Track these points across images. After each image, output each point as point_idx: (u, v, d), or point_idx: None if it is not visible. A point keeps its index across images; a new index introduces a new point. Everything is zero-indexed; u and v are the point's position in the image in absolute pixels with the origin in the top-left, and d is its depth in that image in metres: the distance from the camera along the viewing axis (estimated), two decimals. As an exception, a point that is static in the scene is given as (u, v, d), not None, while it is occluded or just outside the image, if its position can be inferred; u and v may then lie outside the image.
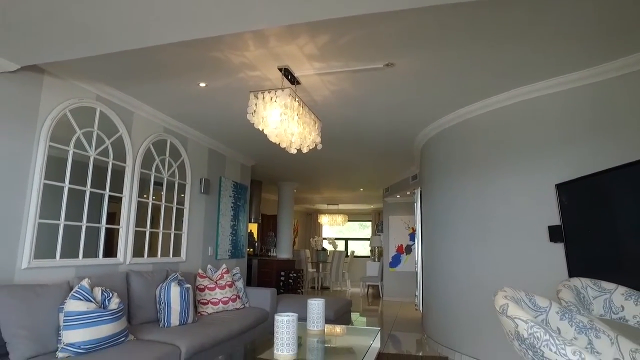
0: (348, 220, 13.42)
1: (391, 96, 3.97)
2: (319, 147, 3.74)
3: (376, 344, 3.64)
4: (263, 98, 3.27)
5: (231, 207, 6.25)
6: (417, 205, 5.67)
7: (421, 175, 5.73)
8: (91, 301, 2.77)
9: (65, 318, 2.65)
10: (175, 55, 3.15)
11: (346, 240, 14.36)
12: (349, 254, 12.34)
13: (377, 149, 6.10)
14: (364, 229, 14.27)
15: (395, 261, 9.38)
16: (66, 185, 3.42)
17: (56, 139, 3.33)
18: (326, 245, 13.10)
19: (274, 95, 3.25)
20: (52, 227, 3.30)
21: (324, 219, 12.70)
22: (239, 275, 4.88)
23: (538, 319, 1.36)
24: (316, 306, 3.56)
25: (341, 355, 2.96)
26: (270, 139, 3.38)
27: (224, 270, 4.61)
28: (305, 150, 3.66)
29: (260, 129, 3.32)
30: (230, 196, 6.22)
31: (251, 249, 8.63)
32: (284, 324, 2.69)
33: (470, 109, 4.22)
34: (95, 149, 3.72)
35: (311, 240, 12.20)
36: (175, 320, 3.55)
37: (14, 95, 3.04)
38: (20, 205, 3.05)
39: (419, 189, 5.72)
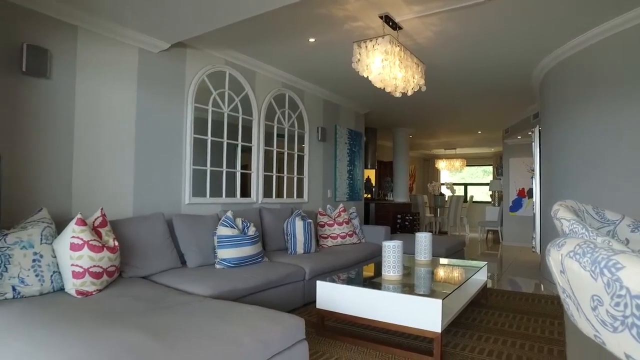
0: (467, 165, 13.01)
1: (498, 30, 3.83)
2: (423, 89, 3.87)
3: (481, 277, 3.83)
4: (366, 47, 3.51)
5: (347, 153, 6.70)
6: (536, 145, 5.40)
7: (541, 112, 5.38)
8: (235, 228, 3.49)
9: (218, 240, 3.41)
10: (286, 16, 3.53)
11: (465, 185, 13.99)
12: (467, 199, 12.09)
13: (491, 88, 5.86)
14: (486, 175, 13.68)
15: (516, 205, 8.99)
16: (209, 137, 4.18)
17: (198, 100, 4.07)
18: (444, 190, 12.99)
19: (375, 43, 3.46)
20: (202, 172, 4.11)
21: (441, 164, 12.51)
22: (355, 214, 5.38)
23: (603, 230, 1.44)
24: (423, 239, 3.86)
25: (443, 281, 3.25)
26: (375, 85, 3.63)
27: (341, 209, 5.14)
28: (409, 93, 3.83)
29: (365, 76, 3.58)
30: (345, 143, 6.66)
31: (369, 194, 9.10)
32: (390, 249, 3.07)
33: (593, 33, 3.84)
34: (228, 106, 4.41)
35: (428, 185, 12.22)
36: (300, 248, 4.20)
37: (168, 67, 3.80)
38: (181, 155, 3.88)
39: (537, 128, 5.40)
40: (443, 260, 4.09)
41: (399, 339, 2.91)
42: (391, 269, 3.06)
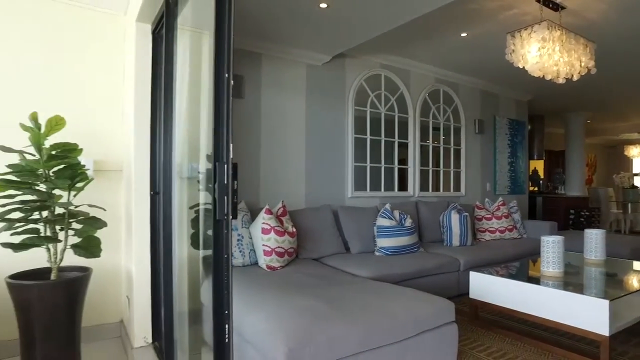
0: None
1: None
2: (593, 71, 3.55)
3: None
4: (520, 36, 3.41)
5: (507, 144, 6.37)
6: None
7: None
8: (393, 219, 3.81)
9: (377, 230, 3.79)
10: (437, 15, 3.65)
11: (670, 175, 11.51)
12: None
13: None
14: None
15: None
16: (368, 136, 4.59)
17: (357, 102, 4.51)
18: (638, 182, 10.95)
19: (531, 31, 3.33)
20: (362, 169, 4.54)
21: (633, 151, 10.59)
22: (515, 208, 5.14)
23: None
24: (594, 236, 3.56)
25: (616, 283, 2.97)
26: (533, 74, 3.49)
27: (500, 203, 4.99)
28: (575, 78, 3.55)
29: (521, 67, 3.47)
30: (505, 134, 6.34)
31: (535, 187, 8.37)
32: (549, 244, 2.98)
33: None
34: (384, 106, 4.75)
35: (615, 177, 10.50)
36: (456, 241, 4.28)
37: (330, 76, 4.33)
38: (343, 154, 4.39)
39: None
40: (622, 262, 3.67)
41: (558, 337, 2.82)
42: (550, 265, 2.96)
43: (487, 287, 2.95)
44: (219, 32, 1.36)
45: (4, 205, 2.20)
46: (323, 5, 3.05)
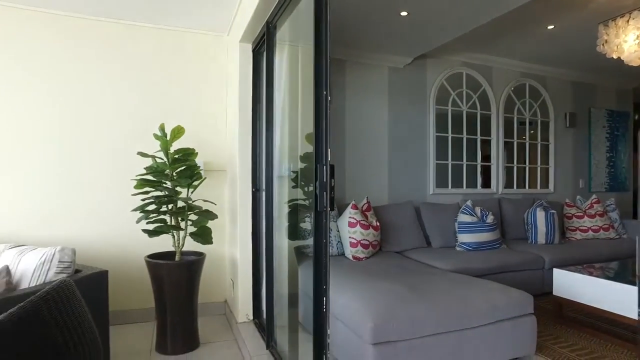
0: None
1: None
2: (701, 59, 3.28)
3: None
4: (615, 25, 3.28)
5: (606, 137, 5.96)
6: None
7: None
8: (474, 216, 3.87)
9: (458, 226, 3.88)
10: (521, 11, 3.63)
11: None
12: None
13: None
14: None
15: None
16: (449, 134, 4.65)
17: (438, 101, 4.59)
18: None
19: (629, 18, 3.19)
20: (444, 166, 4.63)
21: None
22: (613, 206, 4.84)
23: None
24: (702, 236, 3.30)
25: None
26: (630, 64, 3.33)
27: (593, 201, 4.74)
28: (681, 67, 3.32)
29: (615, 57, 3.34)
30: (603, 126, 5.94)
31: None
32: (644, 243, 2.86)
33: None
34: (466, 104, 4.77)
35: None
36: (541, 238, 4.20)
37: (411, 77, 4.48)
38: (425, 152, 4.52)
39: None
40: None
41: (657, 339, 2.72)
42: (647, 265, 2.85)
43: (572, 284, 2.92)
44: (317, 62, 1.64)
45: (143, 200, 2.74)
46: (403, 14, 3.23)
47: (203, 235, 2.88)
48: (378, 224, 3.45)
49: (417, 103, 4.51)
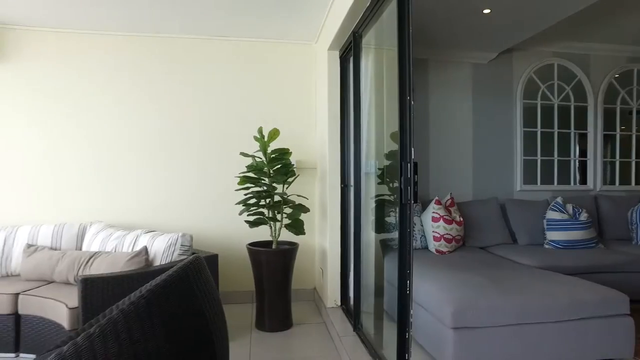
0: None
1: None
2: None
3: None
4: None
5: None
6: None
7: None
8: (564, 213, 3.74)
9: (547, 223, 3.78)
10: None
11: None
12: None
13: None
14: None
15: None
16: (538, 129, 4.51)
17: (526, 95, 4.47)
18: None
19: None
20: (532, 162, 4.49)
21: None
22: None
23: None
24: None
25: None
26: None
27: None
28: None
29: None
30: None
31: None
32: None
33: None
34: (557, 97, 4.57)
35: None
36: (647, 238, 3.91)
37: (496, 72, 4.42)
38: (511, 147, 4.43)
39: None
40: None
41: None
42: None
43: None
44: (401, 70, 1.83)
45: (245, 194, 3.14)
46: (486, 11, 3.26)
47: (297, 226, 3.20)
48: (461, 219, 3.52)
49: (503, 98, 4.43)
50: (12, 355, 2.69)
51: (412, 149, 1.73)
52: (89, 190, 3.63)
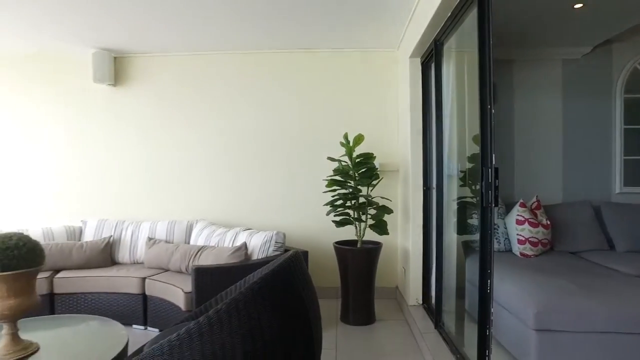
0: None
1: None
2: None
3: None
4: None
5: None
6: None
7: None
8: (672, 218, 3.45)
9: (651, 228, 3.51)
10: None
11: None
12: None
13: None
14: None
15: None
16: (642, 127, 4.17)
17: (628, 89, 4.15)
18: None
19: None
20: (635, 162, 4.16)
21: None
22: None
23: None
24: None
25: None
26: None
27: None
28: None
29: None
30: None
31: None
32: None
33: None
34: (667, 91, 4.18)
35: None
36: None
37: (591, 67, 4.17)
38: (609, 147, 4.16)
39: None
40: None
41: None
42: None
43: None
44: (482, 78, 1.93)
45: (332, 196, 3.38)
46: (578, 6, 3.14)
47: (380, 226, 3.38)
48: (549, 222, 3.42)
49: (599, 94, 4.17)
50: (142, 327, 3.22)
51: (493, 154, 1.82)
52: (194, 193, 4.16)
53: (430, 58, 3.12)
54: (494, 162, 1.82)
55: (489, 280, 1.85)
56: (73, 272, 3.41)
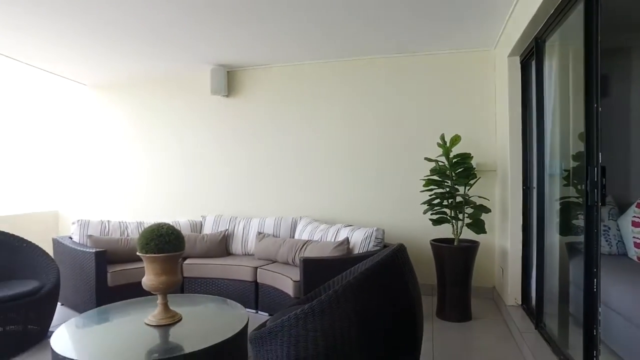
0: None
1: None
2: None
3: None
4: None
5: None
6: None
7: None
8: None
9: None
10: None
11: None
12: None
13: None
14: None
15: None
16: None
17: None
18: None
19: None
20: None
21: None
22: None
23: None
24: None
25: None
26: None
27: None
28: None
29: None
30: None
31: None
32: None
33: None
34: None
35: None
36: None
37: None
38: None
39: None
40: None
41: None
42: None
43: None
44: (588, 76, 1.92)
45: (430, 196, 3.49)
46: None
47: (478, 225, 3.40)
48: (672, 225, 3.14)
49: None
50: (254, 311, 3.64)
51: (600, 153, 1.82)
52: (297, 192, 4.55)
53: (531, 56, 3.07)
54: (600, 161, 1.81)
55: (595, 279, 1.84)
56: (197, 259, 3.96)
